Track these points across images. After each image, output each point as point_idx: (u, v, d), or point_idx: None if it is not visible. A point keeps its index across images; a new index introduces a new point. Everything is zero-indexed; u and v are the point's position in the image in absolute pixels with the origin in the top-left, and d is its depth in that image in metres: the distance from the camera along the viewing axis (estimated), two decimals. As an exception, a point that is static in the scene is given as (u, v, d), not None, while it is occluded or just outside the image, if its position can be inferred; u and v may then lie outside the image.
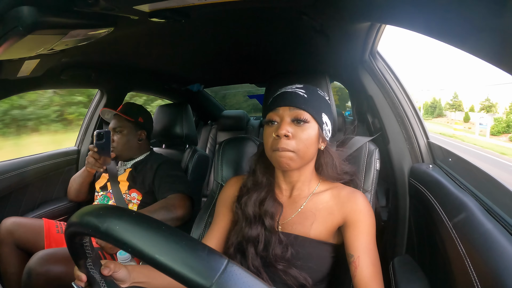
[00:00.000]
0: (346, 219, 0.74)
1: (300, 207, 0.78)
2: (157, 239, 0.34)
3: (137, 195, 1.33)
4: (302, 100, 0.73)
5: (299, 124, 0.71)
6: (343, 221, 0.74)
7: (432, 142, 1.08)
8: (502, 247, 0.53)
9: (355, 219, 0.73)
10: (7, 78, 0.99)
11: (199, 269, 0.32)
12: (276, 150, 0.70)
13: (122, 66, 1.51)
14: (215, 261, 0.32)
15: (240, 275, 0.32)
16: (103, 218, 0.37)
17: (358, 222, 0.72)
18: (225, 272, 0.31)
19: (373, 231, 0.73)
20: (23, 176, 1.43)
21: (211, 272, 0.31)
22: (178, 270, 0.32)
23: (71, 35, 0.72)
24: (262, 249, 0.74)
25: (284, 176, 0.79)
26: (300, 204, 0.78)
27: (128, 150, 1.40)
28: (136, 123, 1.42)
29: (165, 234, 0.35)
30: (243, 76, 2.04)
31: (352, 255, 0.71)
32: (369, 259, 0.70)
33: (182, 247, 0.33)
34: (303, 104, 0.72)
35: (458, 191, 0.77)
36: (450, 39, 0.50)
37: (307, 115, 0.72)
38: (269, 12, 0.88)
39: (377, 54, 1.23)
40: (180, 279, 0.32)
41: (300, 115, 0.71)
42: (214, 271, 0.31)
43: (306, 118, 0.71)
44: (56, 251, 1.10)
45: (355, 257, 0.70)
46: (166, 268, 0.32)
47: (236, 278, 0.31)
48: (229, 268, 0.32)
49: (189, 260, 0.32)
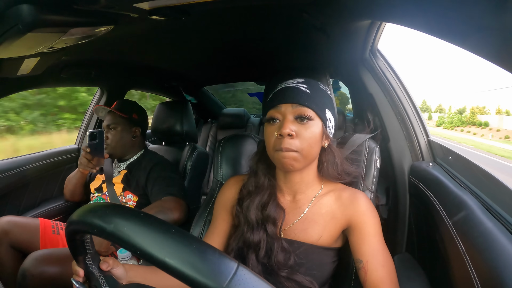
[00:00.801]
0: (349, 222, 0.71)
1: (303, 212, 0.74)
2: (167, 242, 0.33)
3: (133, 196, 1.32)
4: (305, 96, 0.69)
5: (303, 122, 0.67)
6: (347, 225, 0.72)
7: (432, 140, 1.08)
8: (501, 246, 0.53)
9: (359, 221, 0.70)
10: (7, 76, 0.99)
11: (209, 273, 0.31)
12: (279, 150, 0.67)
13: (122, 64, 1.51)
14: (226, 265, 0.32)
15: (251, 279, 0.32)
16: (110, 218, 0.36)
17: (362, 224, 0.69)
18: (235, 276, 0.31)
19: (379, 231, 0.70)
20: (23, 175, 1.43)
21: (222, 276, 0.31)
22: (189, 273, 0.31)
23: (71, 33, 0.72)
24: (263, 256, 0.71)
25: (286, 178, 0.75)
26: (303, 209, 0.75)
27: (122, 147, 1.38)
28: (130, 120, 1.40)
29: (174, 236, 0.34)
30: (243, 73, 2.03)
31: (361, 261, 0.67)
32: (378, 261, 0.66)
33: (193, 250, 0.33)
34: (306, 101, 0.68)
35: (458, 189, 0.77)
36: (450, 38, 0.50)
37: (311, 112, 0.68)
38: (269, 10, 0.87)
39: (377, 52, 1.23)
40: (190, 283, 0.31)
41: (304, 112, 0.67)
42: (224, 275, 0.31)
43: (310, 116, 0.67)
44: (51, 252, 1.08)
45: (363, 262, 0.67)
46: (176, 272, 0.32)
47: (246, 282, 0.31)
48: (239, 272, 0.32)
49: (199, 264, 0.32)
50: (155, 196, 1.25)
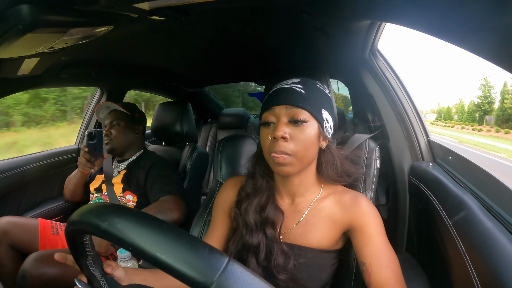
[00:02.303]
0: (351, 224, 0.70)
1: (303, 216, 0.73)
2: (158, 237, 0.34)
3: (132, 196, 1.32)
4: (299, 97, 0.67)
5: (297, 125, 0.66)
6: (348, 227, 0.71)
7: (432, 141, 1.08)
8: (501, 246, 0.54)
9: (360, 224, 0.69)
10: (7, 77, 0.99)
11: (199, 268, 0.31)
12: (273, 153, 0.66)
13: (122, 64, 1.51)
14: (216, 260, 0.32)
15: (241, 274, 0.32)
16: (104, 216, 0.37)
17: (364, 226, 0.68)
18: (225, 270, 0.31)
19: (382, 231, 0.69)
20: (23, 175, 1.43)
21: (212, 270, 0.31)
22: (179, 268, 0.32)
23: (71, 33, 0.72)
24: (263, 259, 0.70)
25: (284, 180, 0.74)
26: (302, 213, 0.74)
27: (125, 142, 1.40)
28: (133, 117, 1.45)
29: (165, 232, 0.35)
30: (243, 74, 2.03)
31: (364, 263, 0.66)
32: (381, 262, 0.65)
33: (183, 245, 0.33)
34: (300, 102, 0.66)
35: (458, 189, 0.77)
36: (450, 38, 0.50)
37: (305, 114, 0.66)
38: (269, 10, 0.87)
39: (377, 52, 1.23)
40: (180, 278, 0.32)
41: (297, 114, 0.66)
42: (214, 269, 0.31)
43: (304, 118, 0.66)
44: (51, 252, 1.07)
45: (367, 264, 0.66)
46: (166, 266, 0.32)
47: (237, 276, 0.31)
48: (230, 266, 0.32)
49: (189, 258, 0.32)
50: (154, 195, 1.25)
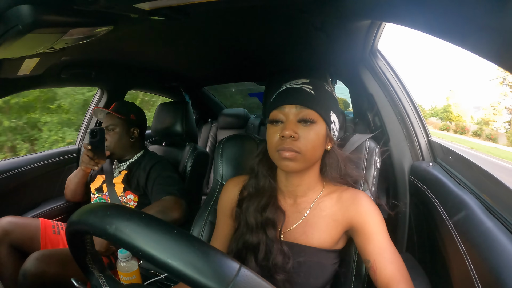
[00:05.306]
0: (352, 223, 0.70)
1: (304, 215, 0.74)
2: (169, 243, 0.33)
3: (133, 196, 1.32)
4: (310, 98, 0.67)
5: (306, 125, 0.66)
6: (349, 226, 0.71)
7: (432, 140, 1.08)
8: (502, 246, 0.53)
9: (361, 222, 0.69)
10: (7, 77, 0.99)
11: (213, 274, 0.31)
12: (280, 150, 0.66)
13: (122, 64, 1.51)
14: (228, 266, 0.32)
15: (253, 280, 0.32)
16: (111, 219, 0.36)
17: (365, 224, 0.68)
18: (238, 276, 0.31)
19: (383, 229, 0.69)
20: (23, 175, 1.43)
21: (225, 277, 0.31)
22: (191, 275, 0.31)
23: (71, 33, 0.72)
24: (262, 258, 0.70)
25: (287, 180, 0.74)
26: (304, 213, 0.74)
27: (121, 148, 1.39)
28: (128, 121, 1.41)
29: (177, 238, 0.34)
30: (243, 73, 2.04)
31: (369, 260, 0.67)
32: (386, 259, 0.65)
33: (195, 251, 0.33)
34: (310, 103, 0.66)
35: (458, 189, 0.77)
36: (450, 38, 0.50)
37: (315, 115, 0.66)
38: (269, 10, 0.87)
39: (377, 52, 1.23)
40: (193, 284, 0.31)
41: (308, 115, 0.66)
42: (227, 276, 0.31)
43: (313, 119, 0.66)
44: (52, 252, 1.08)
45: (371, 261, 0.66)
46: (179, 273, 0.32)
47: (248, 283, 0.31)
48: (242, 272, 0.32)
49: (202, 265, 0.32)
50: (155, 196, 1.25)
